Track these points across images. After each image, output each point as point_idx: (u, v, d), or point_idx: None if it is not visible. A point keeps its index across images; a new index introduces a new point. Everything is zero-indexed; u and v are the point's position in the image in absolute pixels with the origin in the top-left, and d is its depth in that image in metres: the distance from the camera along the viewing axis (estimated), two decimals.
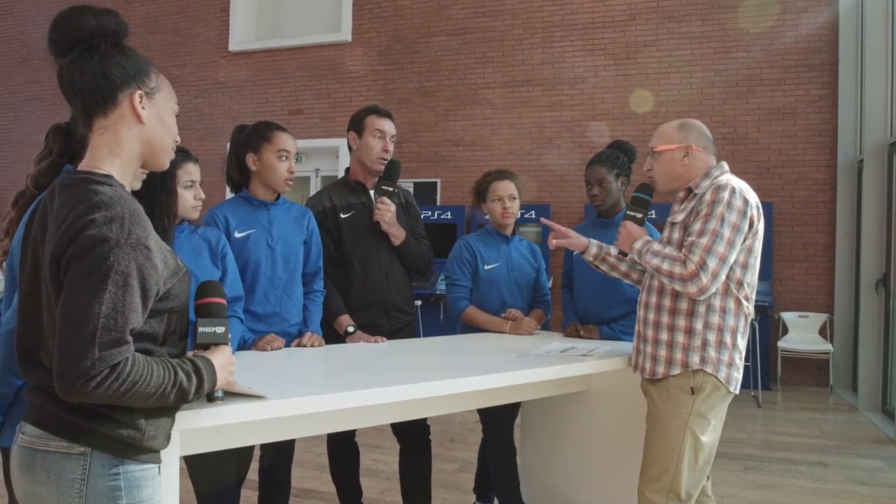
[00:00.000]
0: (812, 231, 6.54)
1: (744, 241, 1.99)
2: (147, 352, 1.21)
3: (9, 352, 1.38)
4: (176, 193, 1.94)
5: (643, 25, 7.02)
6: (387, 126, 2.68)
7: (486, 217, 2.95)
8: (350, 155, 2.79)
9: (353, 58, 8.02)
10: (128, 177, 1.28)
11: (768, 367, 6.20)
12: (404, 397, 1.73)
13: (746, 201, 1.99)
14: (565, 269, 2.90)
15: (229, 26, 8.47)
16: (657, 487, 2.04)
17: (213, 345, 1.35)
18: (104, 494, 1.18)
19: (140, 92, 1.26)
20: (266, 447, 2.46)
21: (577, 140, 7.18)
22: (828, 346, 6.19)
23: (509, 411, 2.68)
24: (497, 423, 2.68)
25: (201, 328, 1.34)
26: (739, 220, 1.95)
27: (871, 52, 5.86)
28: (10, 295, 1.48)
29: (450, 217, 7.25)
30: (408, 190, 2.97)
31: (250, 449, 2.32)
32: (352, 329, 2.54)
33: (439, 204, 7.55)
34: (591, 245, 2.41)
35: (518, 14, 7.44)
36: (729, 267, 1.96)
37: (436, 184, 7.62)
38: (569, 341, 2.58)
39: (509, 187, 2.84)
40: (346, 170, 2.85)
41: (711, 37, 6.82)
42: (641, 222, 2.22)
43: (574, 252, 2.63)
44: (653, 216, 6.14)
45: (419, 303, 6.71)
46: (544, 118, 7.34)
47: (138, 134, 1.27)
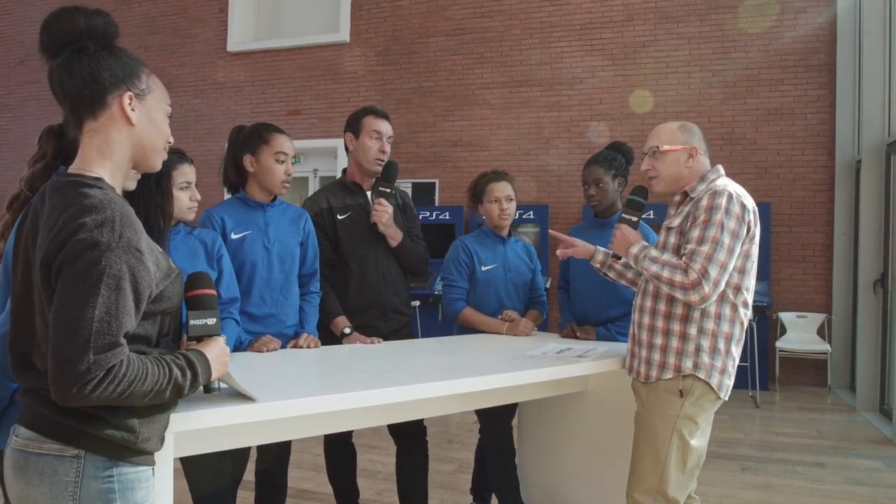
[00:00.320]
0: (810, 231, 6.55)
1: (741, 246, 1.99)
2: (141, 354, 1.21)
3: (3, 355, 1.38)
4: (171, 195, 1.94)
5: (641, 26, 7.03)
6: (384, 127, 2.68)
7: (483, 218, 2.95)
8: (347, 156, 2.79)
9: (352, 58, 8.02)
10: (118, 179, 1.27)
11: (766, 368, 6.20)
12: (399, 399, 1.73)
13: (744, 206, 1.99)
14: (562, 271, 2.90)
15: (228, 27, 8.47)
16: (644, 489, 2.04)
17: (206, 336, 1.35)
18: (98, 497, 1.17)
19: (130, 94, 1.26)
20: (262, 448, 2.47)
21: (575, 140, 7.18)
22: (826, 347, 6.19)
23: (507, 412, 2.68)
24: (495, 423, 2.68)
25: (192, 321, 1.34)
26: (738, 226, 1.95)
27: (869, 53, 5.87)
28: (4, 298, 1.48)
29: (448, 218, 7.25)
30: (405, 191, 2.97)
31: (246, 450, 2.32)
32: (348, 330, 2.54)
33: (437, 204, 7.55)
34: (598, 252, 2.42)
35: (516, 14, 7.44)
36: (729, 274, 1.96)
37: (434, 184, 7.62)
38: (565, 342, 2.58)
39: (506, 188, 2.84)
40: (343, 171, 2.85)
41: (709, 37, 6.82)
42: (636, 225, 2.21)
43: None
44: (651, 217, 6.12)
45: (417, 303, 6.72)
46: (542, 118, 7.34)
47: (128, 136, 1.26)
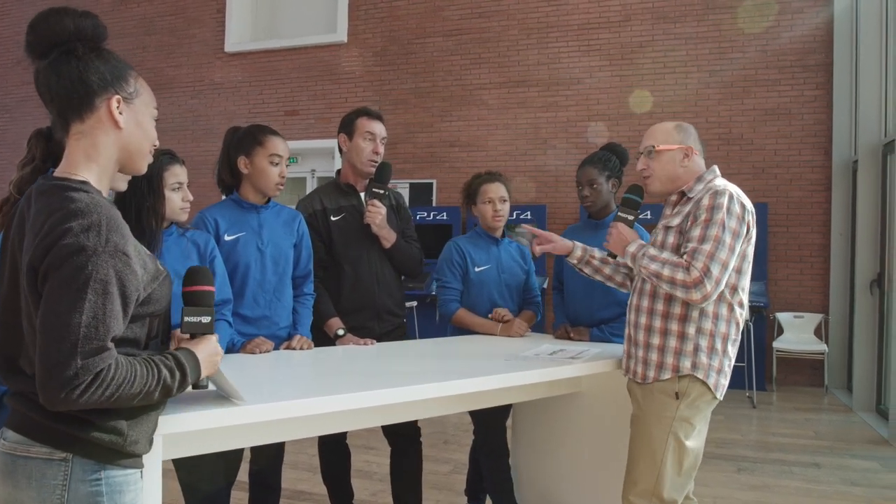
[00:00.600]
0: (807, 231, 6.55)
1: (741, 246, 1.99)
2: (129, 356, 1.21)
3: None
4: (163, 196, 1.96)
5: (638, 26, 7.03)
6: (377, 128, 2.67)
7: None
8: (341, 157, 2.79)
9: (349, 59, 8.02)
10: (105, 182, 1.27)
11: (763, 368, 6.21)
12: (389, 401, 1.73)
13: (744, 206, 2.00)
14: (556, 272, 2.90)
15: (225, 27, 8.47)
16: (640, 491, 2.03)
17: (199, 334, 1.35)
18: (85, 500, 1.17)
19: (118, 97, 1.25)
20: (256, 450, 2.46)
21: (572, 141, 7.18)
22: (823, 347, 6.20)
23: (501, 413, 2.68)
24: (489, 425, 2.68)
25: (187, 317, 1.34)
26: (738, 225, 1.95)
27: (866, 53, 5.88)
28: None
29: (445, 218, 7.25)
30: (399, 192, 2.97)
31: (240, 451, 2.32)
32: (342, 332, 2.54)
33: (435, 205, 7.55)
34: (576, 248, 2.40)
35: (513, 15, 7.44)
36: (730, 272, 1.96)
37: (431, 185, 7.62)
38: (559, 343, 2.58)
39: (500, 189, 2.84)
40: (337, 172, 2.85)
41: (706, 37, 6.82)
42: (632, 224, 2.21)
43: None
44: (647, 217, 6.11)
45: (415, 303, 6.72)
46: (540, 119, 7.34)
47: (115, 139, 1.26)
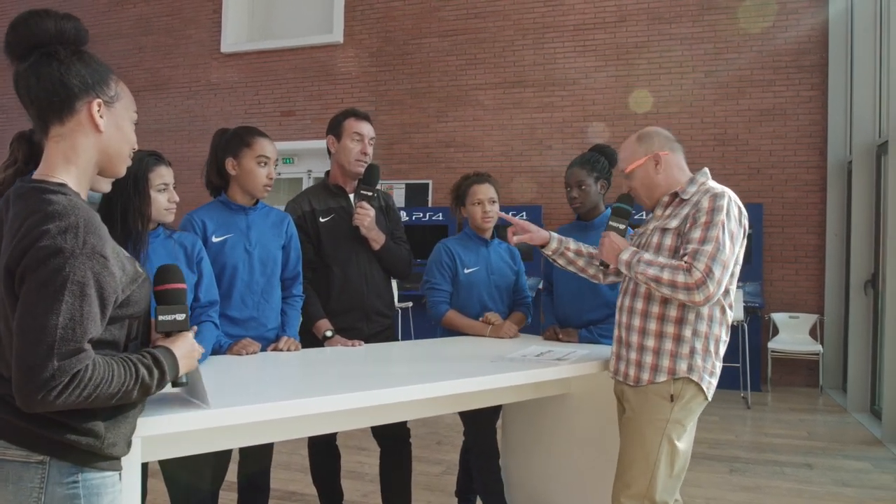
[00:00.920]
0: (802, 232, 6.56)
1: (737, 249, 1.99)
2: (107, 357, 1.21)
3: None
4: (149, 197, 1.97)
5: (634, 27, 7.04)
6: (365, 129, 2.67)
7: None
8: (329, 159, 2.79)
9: (345, 59, 8.02)
10: (84, 184, 1.27)
11: (758, 369, 6.21)
12: (376, 402, 1.72)
13: (740, 210, 2.00)
14: (545, 273, 2.90)
15: (221, 28, 8.47)
16: (632, 494, 2.03)
17: (175, 332, 1.35)
18: (62, 503, 1.18)
19: (99, 100, 1.25)
20: (245, 450, 2.46)
21: (568, 141, 7.18)
22: (818, 347, 6.20)
23: (490, 414, 2.68)
24: (479, 426, 2.69)
25: (161, 316, 1.34)
26: (736, 228, 1.96)
27: (861, 54, 5.89)
28: None
29: (441, 218, 7.25)
30: (388, 193, 2.97)
31: (228, 452, 2.32)
32: (330, 334, 2.54)
33: (431, 205, 7.55)
34: (552, 240, 2.39)
35: (509, 15, 7.45)
36: (730, 274, 1.95)
37: (427, 185, 7.62)
38: (547, 345, 2.58)
39: (489, 191, 2.84)
40: (326, 173, 2.85)
41: (702, 38, 6.83)
42: (624, 233, 2.21)
43: None
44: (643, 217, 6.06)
45: (410, 304, 6.73)
46: (536, 119, 7.35)
47: (95, 142, 1.26)
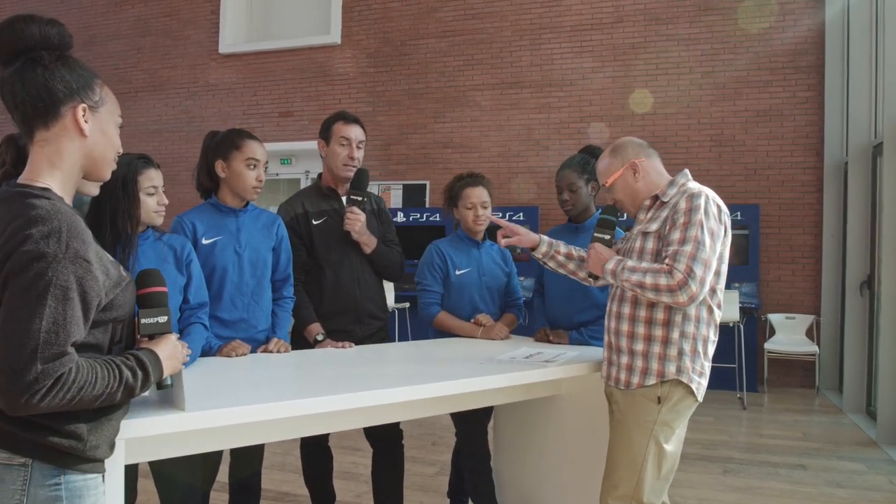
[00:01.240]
0: (799, 233, 6.56)
1: (719, 247, 2.00)
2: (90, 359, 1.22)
3: None
4: (138, 200, 1.97)
5: (631, 28, 7.04)
6: (352, 133, 2.68)
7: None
8: (322, 161, 2.80)
9: (343, 60, 8.03)
10: (69, 189, 1.28)
11: (755, 369, 6.22)
12: (362, 403, 1.73)
13: (719, 208, 2.01)
14: (537, 275, 2.91)
15: (219, 28, 8.48)
16: (619, 495, 2.04)
17: (158, 334, 1.37)
18: None
19: (83, 105, 1.26)
20: (236, 452, 2.47)
21: (565, 142, 7.18)
22: (814, 348, 6.20)
23: (481, 416, 2.69)
24: (470, 428, 2.69)
25: (143, 319, 1.35)
26: (716, 226, 1.97)
27: (856, 55, 5.89)
28: None
29: (438, 219, 7.26)
30: (380, 196, 2.98)
31: (218, 453, 2.33)
32: (321, 337, 2.55)
33: (428, 206, 7.56)
34: (542, 243, 2.39)
35: (506, 16, 7.46)
36: (713, 273, 1.96)
37: (425, 186, 7.63)
38: (537, 346, 2.59)
39: (482, 194, 2.84)
40: (319, 175, 2.86)
41: (699, 39, 6.84)
42: (610, 244, 2.22)
43: None
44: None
45: (407, 305, 6.74)
46: (533, 120, 7.35)
47: (80, 147, 1.27)
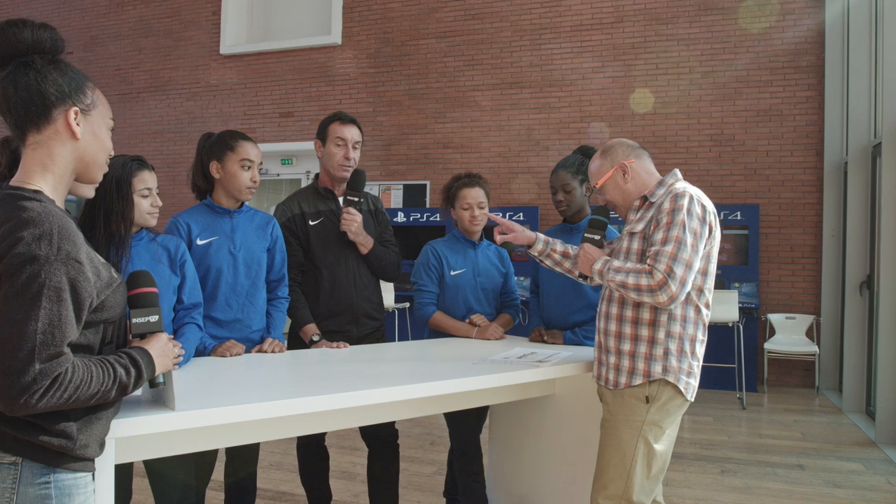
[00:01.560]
0: (799, 232, 6.56)
1: (704, 247, 2.01)
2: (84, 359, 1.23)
3: None
4: (132, 202, 1.99)
5: (631, 28, 7.04)
6: (348, 133, 2.69)
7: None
8: (319, 162, 2.81)
9: (343, 60, 8.05)
10: (60, 191, 1.30)
11: (755, 369, 6.22)
12: (353, 403, 1.74)
13: (704, 208, 2.01)
14: (532, 275, 2.92)
15: (221, 29, 8.51)
16: (609, 495, 2.05)
17: (149, 333, 1.39)
18: (34, 503, 1.20)
19: (75, 109, 1.28)
20: (231, 451, 2.49)
21: (565, 142, 7.19)
22: (814, 348, 6.19)
23: (473, 415, 2.70)
24: (460, 427, 2.70)
25: (135, 319, 1.38)
26: (700, 226, 1.97)
27: (856, 55, 5.89)
28: None
29: (439, 219, 7.27)
30: (376, 196, 2.99)
31: (213, 453, 2.35)
32: (317, 338, 2.56)
33: (428, 206, 7.58)
34: (538, 241, 2.41)
35: (506, 17, 7.47)
36: (695, 273, 1.97)
37: (425, 186, 7.64)
38: (530, 346, 2.60)
39: (479, 196, 2.84)
40: (316, 176, 2.88)
41: (699, 39, 6.83)
42: (600, 244, 2.23)
43: None
44: None
45: (407, 305, 6.75)
46: (533, 120, 7.36)
47: (72, 150, 1.29)
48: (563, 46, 7.27)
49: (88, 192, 1.46)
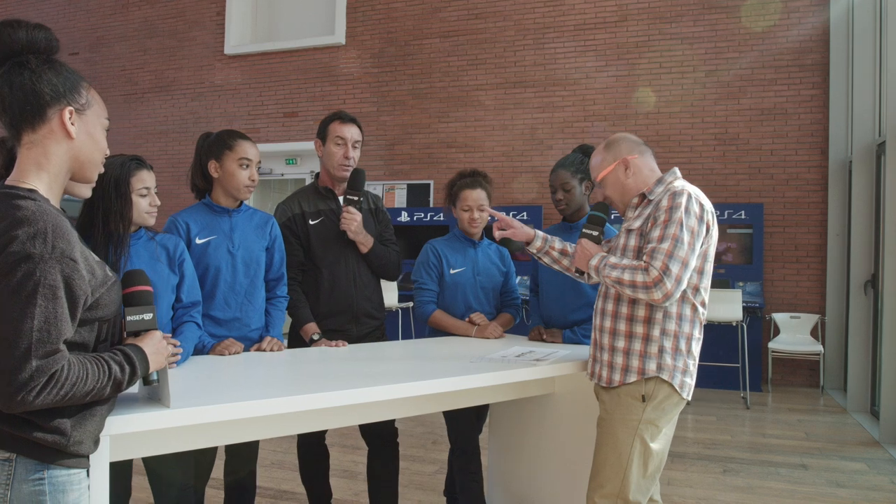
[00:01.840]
0: (803, 232, 6.53)
1: (700, 245, 2.00)
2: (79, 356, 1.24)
3: None
4: (130, 201, 2.00)
5: (634, 26, 7.03)
6: (348, 133, 2.69)
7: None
8: (319, 161, 2.82)
9: (347, 60, 8.06)
10: (55, 190, 1.31)
11: (759, 369, 6.19)
12: (349, 401, 1.74)
13: (702, 206, 2.01)
14: (532, 274, 2.92)
15: (225, 29, 8.54)
16: (605, 493, 2.04)
17: (144, 331, 1.41)
18: (28, 499, 1.20)
19: (70, 108, 1.29)
20: (231, 449, 2.50)
21: (569, 141, 7.18)
22: (819, 348, 6.17)
23: (471, 414, 2.70)
24: (458, 425, 2.71)
25: (129, 317, 1.39)
26: (697, 224, 1.97)
27: (861, 53, 5.86)
28: None
29: (442, 219, 7.28)
30: (377, 195, 3.00)
31: (213, 451, 2.36)
32: (316, 337, 2.57)
33: (432, 205, 7.58)
34: (537, 238, 2.40)
35: (510, 16, 7.46)
36: (691, 271, 1.97)
37: (429, 185, 7.65)
38: (529, 345, 2.60)
39: (479, 197, 2.84)
40: (316, 175, 2.88)
41: (703, 37, 6.81)
42: (598, 240, 2.23)
43: None
44: None
45: (410, 304, 6.76)
46: (537, 119, 7.36)
47: (67, 149, 1.30)
48: (567, 45, 7.26)
49: (85, 191, 1.46)
